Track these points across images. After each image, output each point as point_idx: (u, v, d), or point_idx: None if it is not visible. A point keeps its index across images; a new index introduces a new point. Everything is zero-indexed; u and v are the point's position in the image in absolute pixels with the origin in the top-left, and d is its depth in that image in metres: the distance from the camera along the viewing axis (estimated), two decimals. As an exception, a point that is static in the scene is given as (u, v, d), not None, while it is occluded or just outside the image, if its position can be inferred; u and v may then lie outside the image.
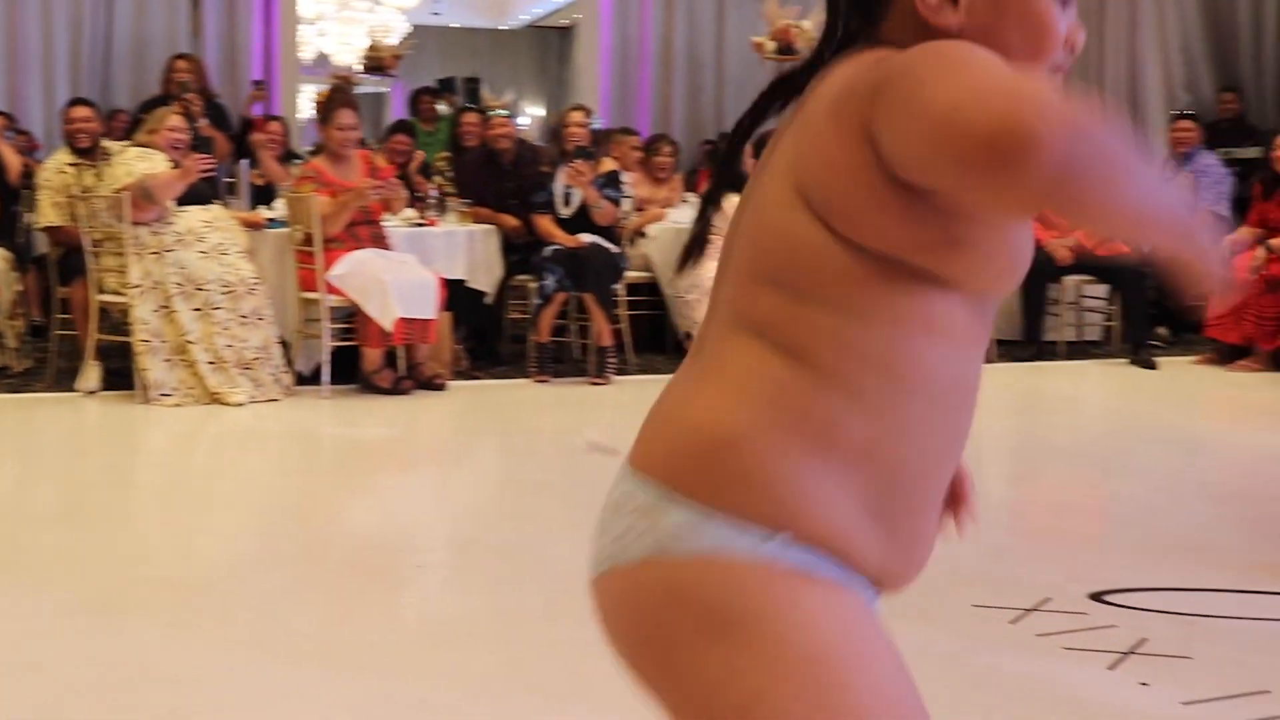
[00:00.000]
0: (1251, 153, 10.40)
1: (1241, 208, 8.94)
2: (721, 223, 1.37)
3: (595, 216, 7.40)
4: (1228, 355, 8.11)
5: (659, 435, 1.30)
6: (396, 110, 17.34)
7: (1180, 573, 3.90)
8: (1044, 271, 8.32)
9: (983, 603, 3.53)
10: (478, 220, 7.88)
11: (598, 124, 8.13)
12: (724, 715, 1.21)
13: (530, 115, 24.24)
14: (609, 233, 7.51)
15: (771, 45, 9.49)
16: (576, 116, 7.52)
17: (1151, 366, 8.01)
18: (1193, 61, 12.18)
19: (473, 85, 22.27)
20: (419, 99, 11.25)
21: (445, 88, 12.92)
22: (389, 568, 4.08)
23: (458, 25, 20.89)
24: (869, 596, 1.27)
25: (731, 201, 1.37)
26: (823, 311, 1.22)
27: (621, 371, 7.42)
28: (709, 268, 1.35)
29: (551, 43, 26.31)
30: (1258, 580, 3.87)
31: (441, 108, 11.67)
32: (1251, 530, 4.60)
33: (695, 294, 7.51)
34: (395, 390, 6.78)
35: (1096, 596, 3.64)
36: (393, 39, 12.77)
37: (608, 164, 7.68)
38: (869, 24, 1.30)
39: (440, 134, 10.51)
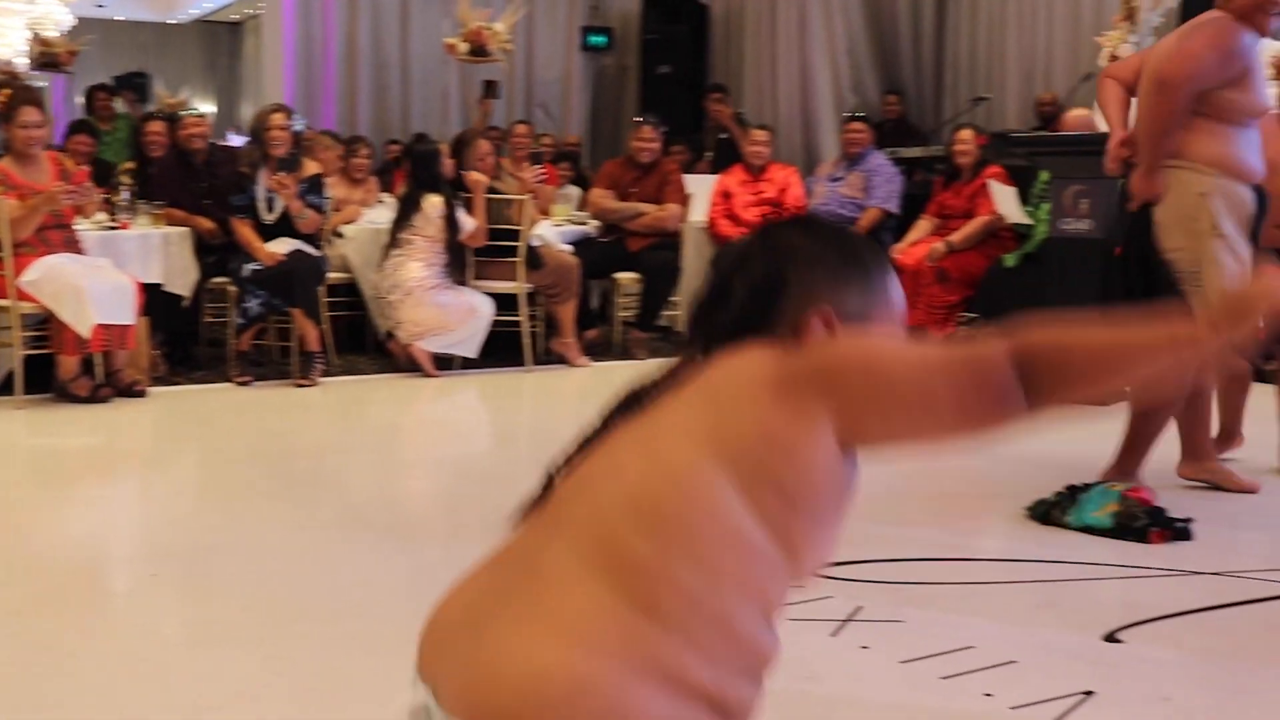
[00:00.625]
0: (915, 152, 11.08)
1: (910, 204, 9.53)
2: (422, 224, 1.46)
3: (299, 226, 7.35)
4: (902, 341, 8.65)
5: (492, 682, 1.34)
6: (57, 108, 16.59)
7: (886, 545, 4.20)
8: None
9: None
10: (171, 223, 7.70)
11: (299, 125, 8.05)
12: None
13: (201, 112, 23.58)
14: (310, 236, 7.46)
15: (464, 47, 9.58)
16: (278, 118, 7.43)
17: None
18: (859, 65, 12.85)
19: (141, 81, 21.53)
20: (95, 96, 10.86)
21: (123, 85, 12.47)
22: (121, 578, 4.02)
23: (123, 19, 20.10)
24: None
25: (432, 203, 1.49)
26: (689, 570, 1.35)
27: (326, 373, 7.40)
28: (411, 269, 1.47)
29: (221, 38, 25.65)
30: (954, 548, 4.21)
31: (118, 105, 11.30)
32: (942, 504, 4.97)
33: (397, 294, 7.55)
34: (93, 398, 6.58)
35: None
36: (54, 32, 12.25)
37: (311, 167, 7.63)
38: (759, 328, 1.50)
39: (119, 133, 10.20)
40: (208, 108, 24.27)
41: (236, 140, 14.52)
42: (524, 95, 13.77)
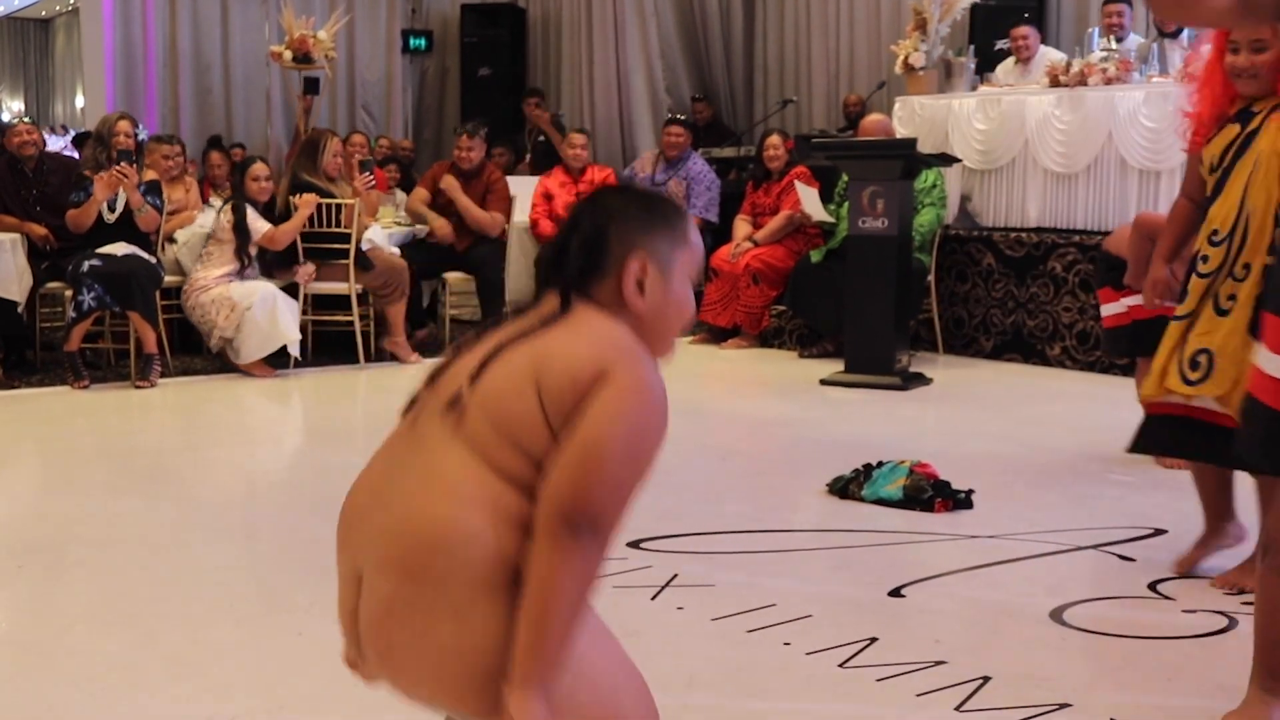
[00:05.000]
0: (728, 152, 11.59)
1: (726, 204, 10.03)
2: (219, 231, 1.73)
3: (139, 221, 7.54)
4: (719, 336, 9.15)
5: (404, 535, 1.81)
6: None
7: (699, 520, 4.64)
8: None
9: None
10: (3, 229, 7.81)
11: (143, 135, 8.22)
12: None
13: (9, 110, 23.17)
14: (144, 241, 7.66)
15: (289, 55, 9.77)
16: (124, 126, 7.61)
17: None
18: (673, 68, 13.32)
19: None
20: None
21: None
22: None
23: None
24: None
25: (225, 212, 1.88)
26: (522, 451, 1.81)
27: (163, 375, 7.60)
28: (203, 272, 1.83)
29: (31, 35, 25.20)
30: (762, 521, 4.67)
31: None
32: (751, 482, 5.44)
33: (193, 298, 7.84)
34: (-69, 404, 6.72)
35: (634, 544, 4.32)
36: None
37: (149, 174, 7.82)
38: (588, 287, 1.91)
39: None
40: (17, 105, 23.84)
41: (55, 141, 14.45)
42: (347, 96, 13.97)
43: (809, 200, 8.74)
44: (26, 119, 8.54)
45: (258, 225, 7.86)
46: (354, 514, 1.91)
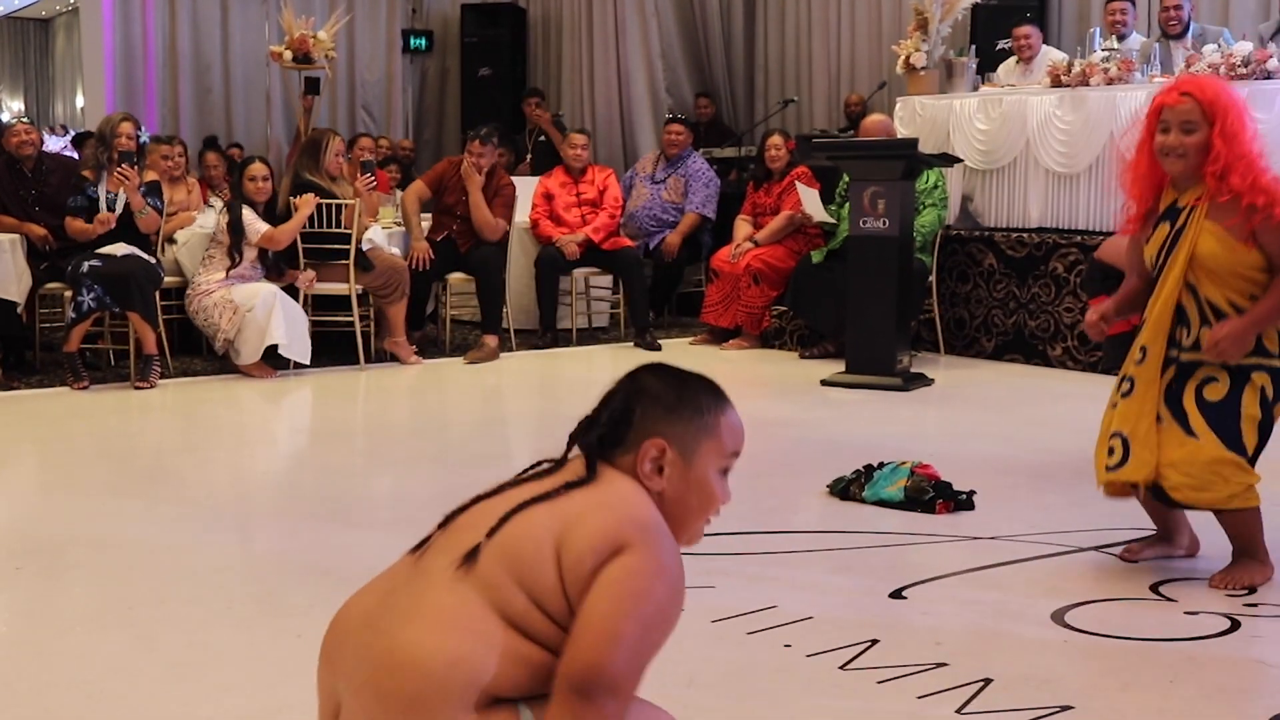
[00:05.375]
0: (729, 152, 11.58)
1: (726, 203, 10.03)
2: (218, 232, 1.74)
3: (140, 223, 7.53)
4: (721, 336, 9.14)
5: (390, 666, 1.83)
6: None
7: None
8: (555, 265, 9.11)
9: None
10: (2, 230, 7.80)
11: (145, 136, 8.21)
12: None
13: (9, 110, 23.17)
14: (144, 242, 7.64)
15: (289, 55, 9.75)
16: (126, 127, 7.60)
17: (656, 348, 8.90)
18: (673, 68, 13.32)
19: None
20: None
21: None
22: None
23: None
24: None
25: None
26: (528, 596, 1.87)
27: (163, 375, 7.59)
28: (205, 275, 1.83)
29: (31, 35, 25.20)
30: (762, 523, 4.65)
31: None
32: (751, 483, 5.41)
33: (196, 301, 7.84)
34: (-70, 404, 6.72)
35: (634, 545, 4.30)
36: None
37: (149, 174, 7.81)
38: (611, 458, 1.97)
39: None
40: (17, 105, 23.83)
41: (54, 142, 14.44)
42: (347, 96, 13.96)
43: (809, 201, 8.73)
44: (25, 119, 8.50)
45: (256, 226, 7.85)
46: (341, 633, 1.93)
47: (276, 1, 12.55)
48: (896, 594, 3.88)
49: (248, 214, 7.85)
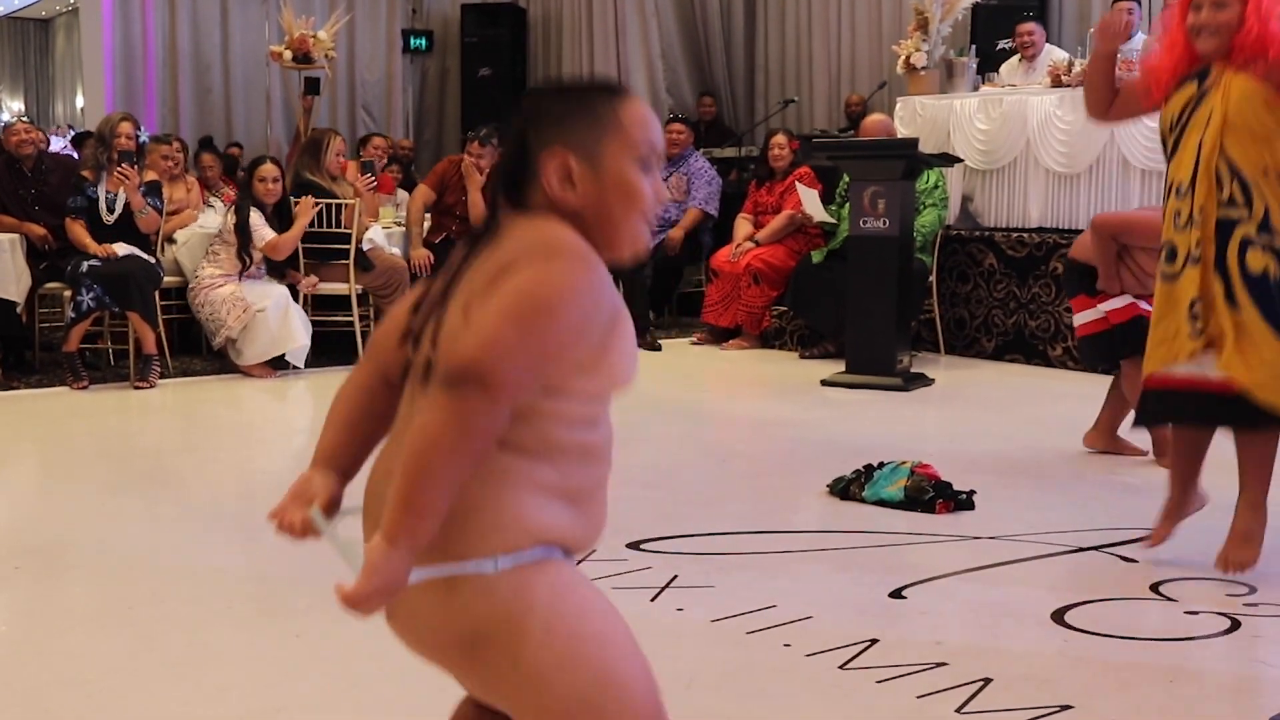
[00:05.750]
0: (729, 152, 11.57)
1: (726, 203, 10.02)
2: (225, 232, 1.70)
3: (140, 223, 7.53)
4: (721, 336, 9.13)
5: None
6: None
7: (699, 521, 4.62)
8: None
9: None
10: (2, 229, 7.80)
11: (144, 136, 8.20)
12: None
13: (9, 110, 23.17)
14: (144, 242, 7.64)
15: (289, 54, 9.75)
16: (126, 127, 7.60)
17: (656, 348, 8.90)
18: (673, 68, 13.32)
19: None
20: None
21: None
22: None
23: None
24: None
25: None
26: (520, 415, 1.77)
27: (163, 375, 7.59)
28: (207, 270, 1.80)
29: (31, 35, 25.20)
30: (762, 523, 4.65)
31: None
32: (751, 483, 5.42)
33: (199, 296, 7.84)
34: (-70, 404, 6.72)
35: (633, 545, 4.30)
36: None
37: (149, 174, 7.81)
38: (518, 203, 1.86)
39: None
40: (17, 105, 23.83)
41: (57, 142, 14.43)
42: (347, 96, 13.95)
43: (809, 201, 8.73)
44: (25, 118, 8.50)
45: (263, 232, 7.84)
46: (371, 497, 1.89)
47: (276, 1, 12.54)
48: (896, 594, 3.87)
49: (255, 218, 7.84)
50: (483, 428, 1.67)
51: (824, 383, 7.48)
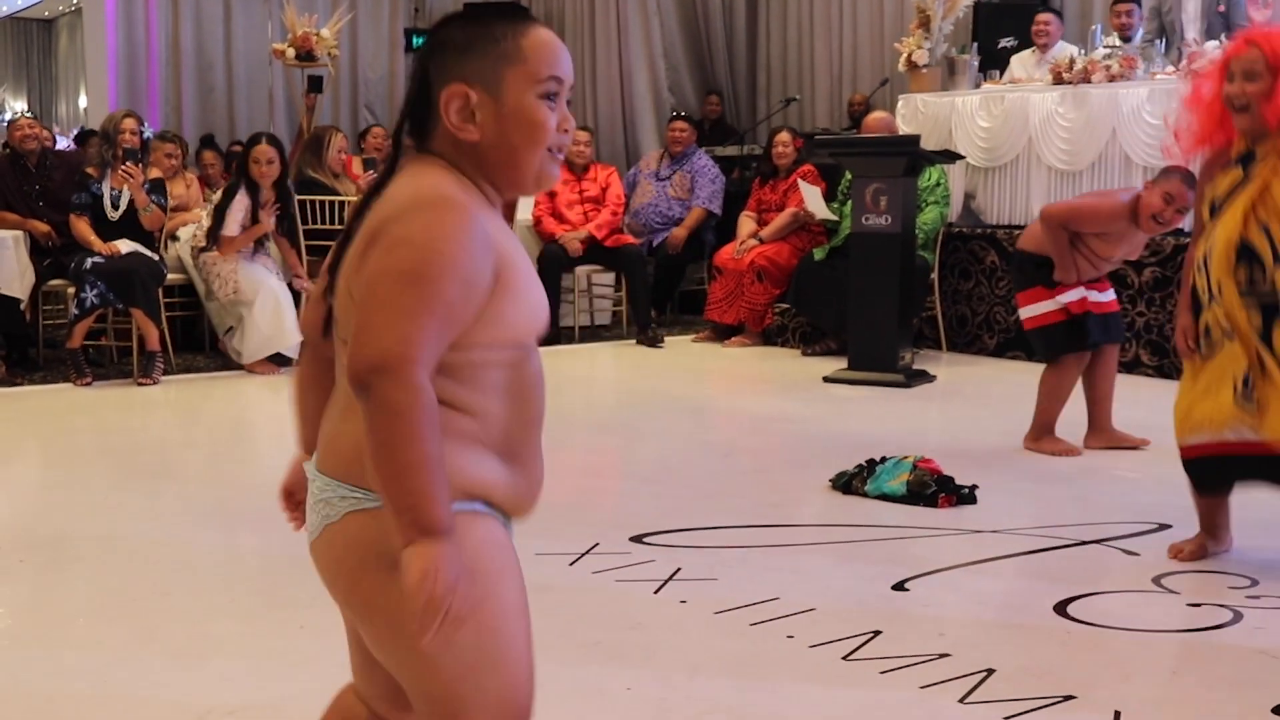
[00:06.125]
0: (732, 150, 11.57)
1: (730, 202, 10.04)
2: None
3: (144, 220, 7.54)
4: (723, 333, 9.13)
5: (328, 446, 1.85)
6: None
7: (702, 515, 4.63)
8: (558, 262, 9.11)
9: (544, 550, 4.10)
10: (5, 226, 7.81)
11: (148, 133, 8.21)
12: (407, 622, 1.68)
13: (13, 110, 23.17)
14: (147, 239, 7.65)
15: (291, 53, 9.75)
16: (130, 123, 7.62)
17: (659, 344, 8.91)
18: (675, 67, 13.31)
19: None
20: None
21: None
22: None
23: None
24: (506, 524, 1.87)
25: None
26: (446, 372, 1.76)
27: (166, 372, 7.60)
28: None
29: (34, 35, 25.20)
30: (764, 516, 4.66)
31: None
32: (754, 478, 5.43)
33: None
34: (-67, 401, 6.73)
35: (636, 539, 4.31)
36: None
37: (153, 172, 7.82)
38: (422, 138, 1.83)
39: None
40: (20, 105, 23.85)
41: (62, 142, 14.44)
42: (350, 94, 13.95)
43: (812, 198, 8.73)
44: (29, 114, 8.50)
45: (231, 225, 7.79)
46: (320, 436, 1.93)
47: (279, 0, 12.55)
48: (899, 586, 3.88)
49: (237, 204, 7.79)
50: (416, 405, 1.64)
51: (826, 379, 7.49)
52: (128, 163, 7.48)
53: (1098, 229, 5.47)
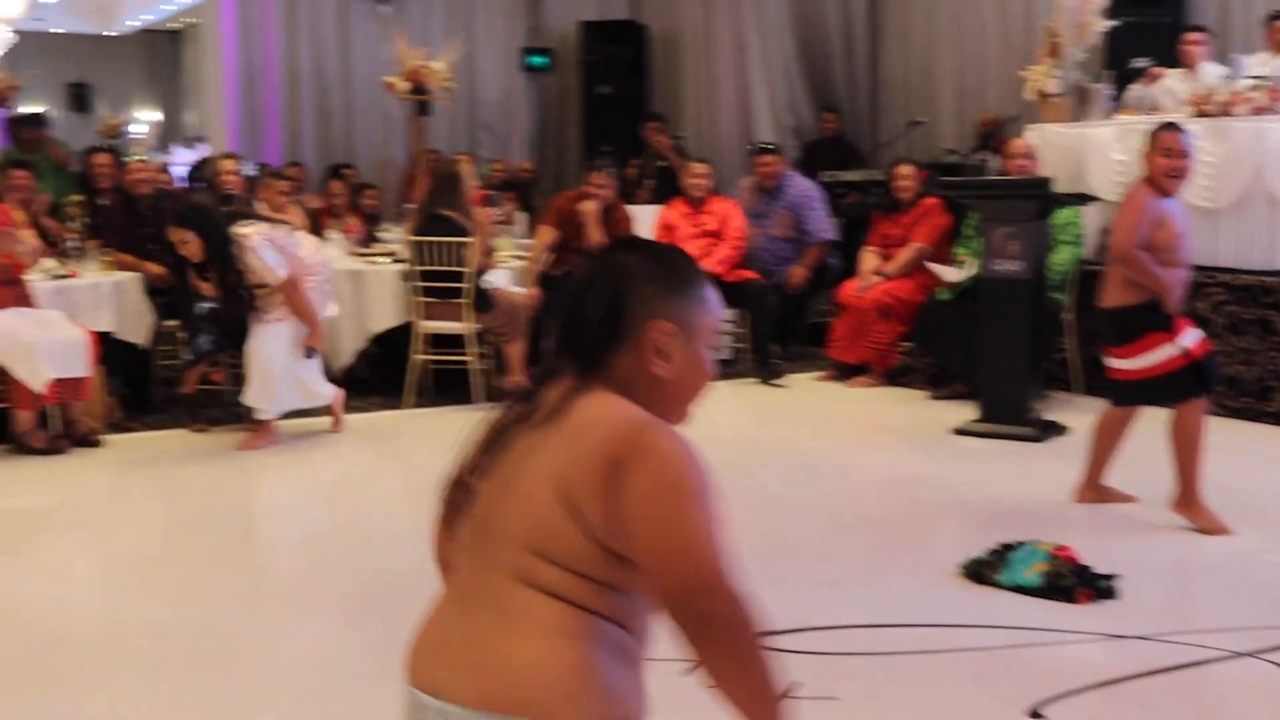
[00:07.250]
0: (854, 176, 11.24)
1: (850, 230, 9.73)
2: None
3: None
4: (846, 372, 8.85)
5: (501, 676, 1.73)
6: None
7: (818, 610, 4.37)
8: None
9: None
10: (121, 268, 7.80)
11: (250, 171, 8.14)
12: None
13: (146, 121, 23.50)
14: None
15: (405, 85, 9.66)
16: (228, 164, 7.56)
17: (780, 384, 8.65)
18: (793, 86, 13.04)
19: (81, 91, 21.43)
20: (18, 129, 10.16)
21: (36, 121, 10.51)
22: (84, 654, 4.12)
23: (62, 31, 19.92)
24: None
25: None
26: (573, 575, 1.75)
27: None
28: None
29: (162, 48, 25.56)
30: (890, 612, 4.40)
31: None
32: (878, 559, 5.15)
33: None
34: (50, 450, 6.72)
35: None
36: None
37: (263, 209, 7.70)
38: (607, 358, 1.80)
39: (43, 163, 9.73)
40: (152, 117, 24.19)
41: (184, 155, 14.52)
42: (466, 115, 13.85)
43: (945, 272, 8.34)
44: (142, 158, 8.48)
45: (270, 262, 6.96)
46: (423, 656, 1.87)
47: (395, 21, 12.50)
48: (1035, 712, 3.61)
49: (256, 238, 6.96)
50: (749, 616, 1.70)
51: (956, 431, 7.18)
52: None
53: (1151, 226, 5.23)
